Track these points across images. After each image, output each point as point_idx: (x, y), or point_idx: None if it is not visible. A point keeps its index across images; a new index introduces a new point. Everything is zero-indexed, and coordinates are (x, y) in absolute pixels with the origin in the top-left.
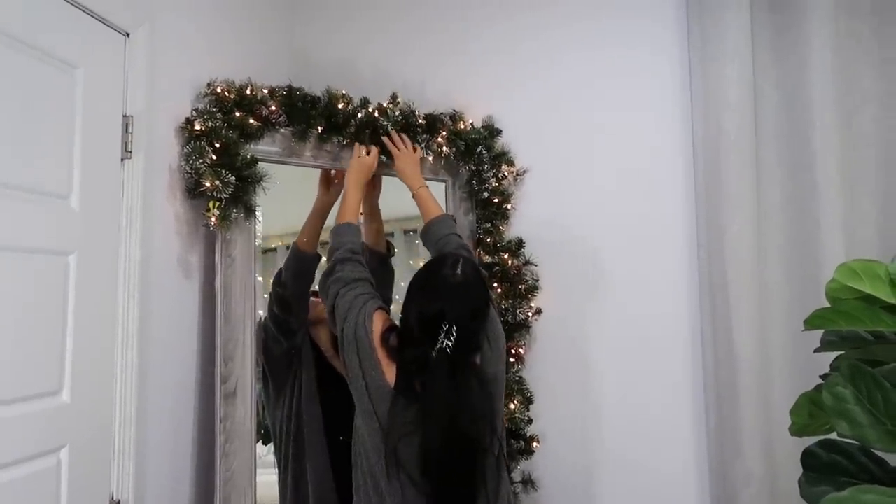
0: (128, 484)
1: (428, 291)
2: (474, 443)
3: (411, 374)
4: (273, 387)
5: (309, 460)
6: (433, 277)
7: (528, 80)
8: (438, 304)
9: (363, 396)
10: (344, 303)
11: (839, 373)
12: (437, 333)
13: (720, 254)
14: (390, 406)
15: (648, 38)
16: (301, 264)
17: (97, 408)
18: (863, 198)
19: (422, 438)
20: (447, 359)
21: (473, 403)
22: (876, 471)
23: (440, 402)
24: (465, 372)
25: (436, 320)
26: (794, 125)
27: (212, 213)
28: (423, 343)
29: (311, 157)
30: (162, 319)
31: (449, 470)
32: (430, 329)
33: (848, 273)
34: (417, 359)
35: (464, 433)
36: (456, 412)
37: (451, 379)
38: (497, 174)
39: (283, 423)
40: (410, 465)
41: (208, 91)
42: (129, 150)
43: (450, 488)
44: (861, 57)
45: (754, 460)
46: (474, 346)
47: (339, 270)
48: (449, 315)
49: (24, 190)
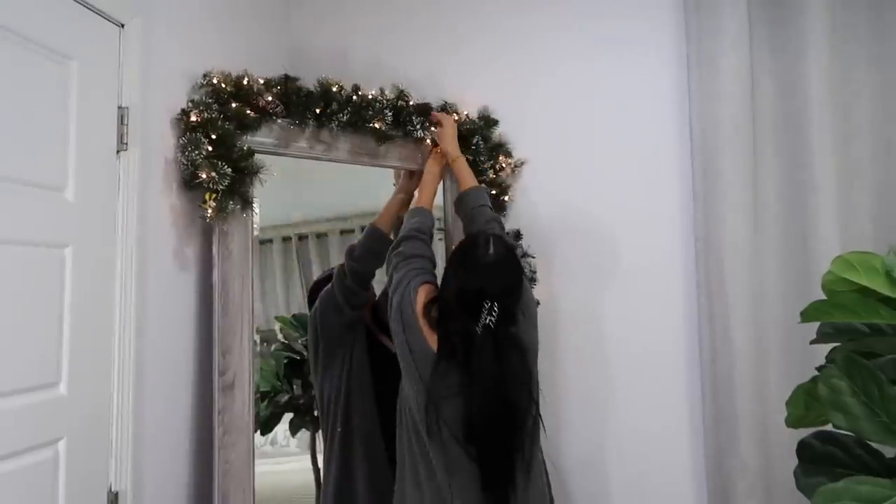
0: (126, 476)
1: (465, 269)
2: (514, 406)
3: (453, 344)
4: (324, 354)
5: (358, 423)
6: (469, 256)
7: (525, 74)
8: (477, 282)
9: (408, 358)
10: (398, 275)
11: (835, 365)
12: (478, 310)
13: (717, 245)
14: (433, 369)
15: (646, 30)
16: (374, 242)
17: (95, 400)
18: (859, 190)
19: (466, 402)
20: (491, 334)
21: (514, 371)
22: (871, 462)
23: (485, 373)
24: (506, 343)
25: (476, 297)
26: (790, 118)
27: (208, 204)
28: (462, 318)
29: (308, 147)
30: (159, 312)
31: (491, 431)
32: (471, 305)
33: (844, 265)
34: (459, 332)
35: (506, 398)
36: (499, 380)
37: (495, 353)
38: (494, 165)
39: (333, 390)
40: (454, 425)
41: (204, 82)
42: (125, 141)
43: (492, 448)
44: (857, 50)
45: (750, 452)
46: (512, 319)
47: (403, 246)
48: (489, 292)
49: (19, 182)
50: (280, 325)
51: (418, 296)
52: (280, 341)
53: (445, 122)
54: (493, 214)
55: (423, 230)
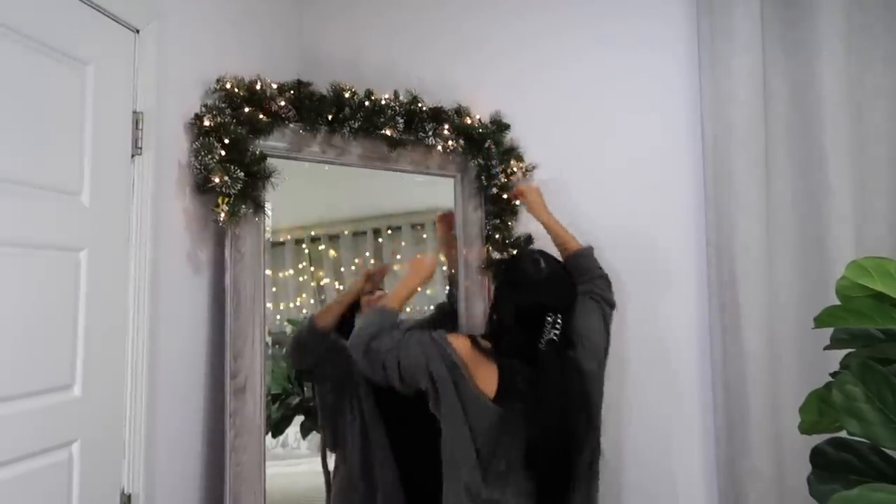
0: (138, 478)
1: (520, 287)
2: (573, 434)
3: (514, 374)
4: (333, 395)
5: (380, 478)
6: (521, 274)
7: (537, 76)
8: (535, 298)
9: (456, 409)
10: (411, 353)
11: (849, 370)
12: (539, 326)
13: (729, 250)
14: (494, 414)
15: (658, 34)
16: (310, 337)
17: (108, 402)
18: (874, 194)
19: (530, 427)
20: (555, 349)
21: (574, 393)
22: (886, 469)
23: (551, 392)
24: (568, 364)
25: (536, 312)
26: (804, 121)
27: (221, 208)
28: (524, 334)
29: (320, 151)
30: (172, 315)
31: (553, 460)
32: (531, 321)
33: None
34: (522, 351)
35: (566, 424)
36: (564, 403)
37: (560, 370)
38: (506, 170)
39: (348, 433)
40: (515, 463)
41: (218, 87)
42: (139, 146)
43: (553, 479)
44: (872, 52)
45: (762, 458)
46: (569, 342)
47: (377, 343)
48: (550, 306)
49: (35, 186)
50: (292, 328)
51: (456, 341)
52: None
53: (529, 194)
54: (602, 272)
55: (385, 326)
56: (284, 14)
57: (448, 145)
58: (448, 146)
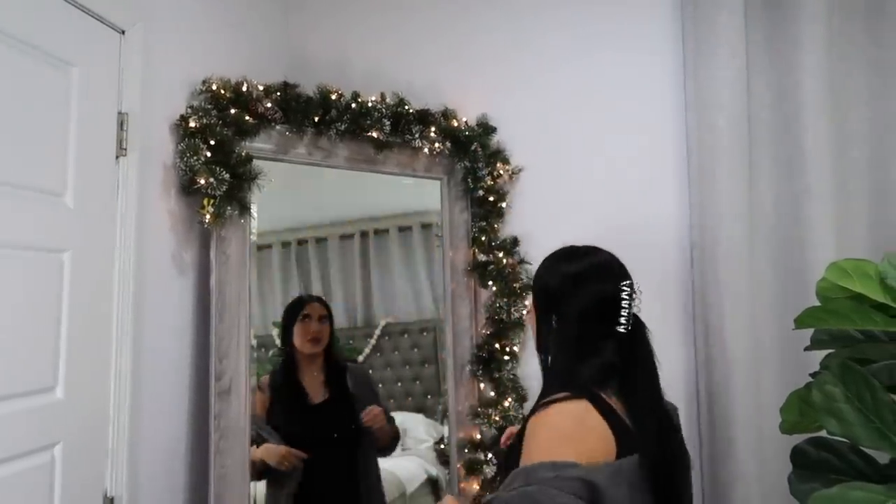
0: (122, 481)
1: (598, 270)
2: (672, 419)
3: (614, 414)
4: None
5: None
6: (582, 259)
7: (523, 80)
8: (613, 270)
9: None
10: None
11: (829, 371)
12: (616, 314)
13: (713, 252)
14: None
15: (644, 39)
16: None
17: (91, 405)
18: (855, 197)
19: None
20: (638, 322)
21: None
22: (865, 468)
23: (648, 370)
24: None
25: (616, 293)
26: (786, 125)
27: (206, 210)
28: (601, 330)
29: (306, 153)
30: (156, 317)
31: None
32: (608, 308)
33: (838, 272)
34: (606, 363)
35: (665, 409)
36: (659, 390)
37: (649, 348)
38: (492, 172)
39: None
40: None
41: (203, 88)
42: (124, 147)
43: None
44: (853, 57)
45: (745, 459)
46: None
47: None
48: (626, 274)
49: (19, 187)
50: (278, 331)
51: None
52: (278, 346)
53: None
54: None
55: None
56: (271, 16)
57: (435, 148)
58: (435, 148)
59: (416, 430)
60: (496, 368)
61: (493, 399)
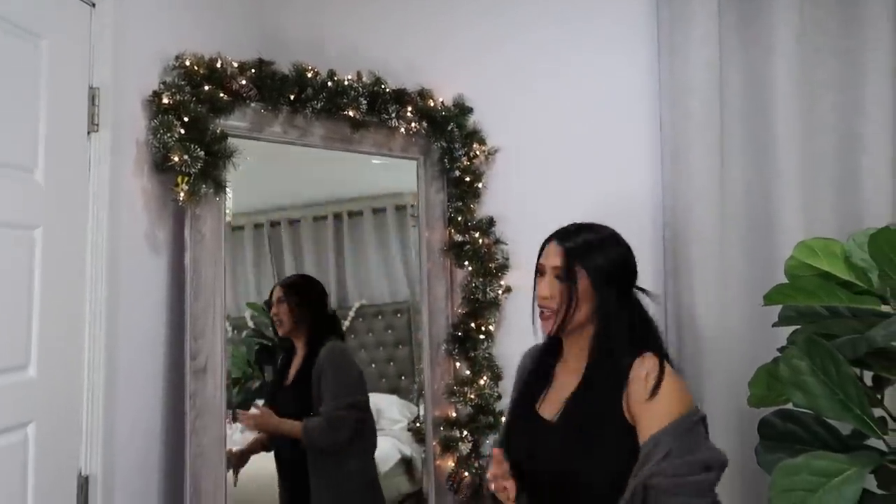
0: (96, 459)
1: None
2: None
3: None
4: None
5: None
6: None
7: (499, 61)
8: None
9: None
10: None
11: (796, 346)
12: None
13: (685, 234)
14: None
15: (620, 21)
16: None
17: (65, 383)
18: (822, 181)
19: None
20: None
21: None
22: (828, 438)
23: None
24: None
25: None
26: (758, 111)
27: (180, 188)
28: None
29: (282, 131)
30: (130, 295)
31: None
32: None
33: (806, 251)
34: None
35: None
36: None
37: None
38: (468, 153)
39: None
40: None
41: (176, 64)
42: (96, 122)
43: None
44: (823, 46)
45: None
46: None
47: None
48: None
49: None
50: (251, 312)
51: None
52: (250, 328)
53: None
54: None
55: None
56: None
57: (411, 127)
58: (411, 128)
59: (390, 411)
60: (471, 347)
61: (469, 377)
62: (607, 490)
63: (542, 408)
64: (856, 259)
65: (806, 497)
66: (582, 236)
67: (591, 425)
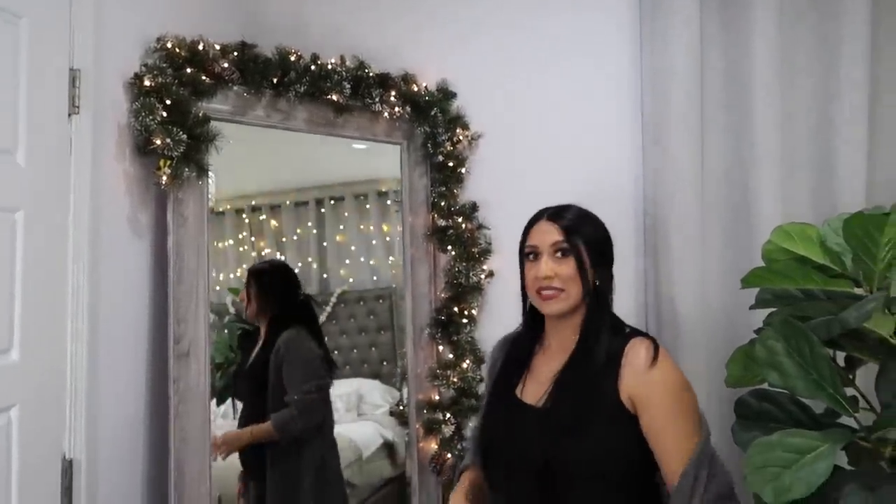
0: (80, 443)
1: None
2: None
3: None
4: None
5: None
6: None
7: (482, 46)
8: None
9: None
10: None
11: (772, 327)
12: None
13: (666, 220)
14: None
15: (602, 5)
16: None
17: (48, 367)
18: (798, 166)
19: None
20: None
21: None
22: (802, 417)
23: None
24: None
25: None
26: (737, 95)
27: (163, 171)
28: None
29: (265, 115)
30: (113, 278)
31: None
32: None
33: (783, 235)
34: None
35: None
36: None
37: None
38: (452, 138)
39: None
40: None
41: (158, 46)
42: (77, 104)
43: None
44: (802, 31)
45: None
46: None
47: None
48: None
49: None
50: (232, 297)
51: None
52: (232, 313)
53: None
54: None
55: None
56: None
57: (395, 112)
58: (395, 113)
59: (372, 396)
60: (454, 331)
61: (452, 361)
62: (588, 477)
63: (524, 393)
64: (830, 243)
65: (780, 473)
66: (572, 212)
67: (582, 409)
